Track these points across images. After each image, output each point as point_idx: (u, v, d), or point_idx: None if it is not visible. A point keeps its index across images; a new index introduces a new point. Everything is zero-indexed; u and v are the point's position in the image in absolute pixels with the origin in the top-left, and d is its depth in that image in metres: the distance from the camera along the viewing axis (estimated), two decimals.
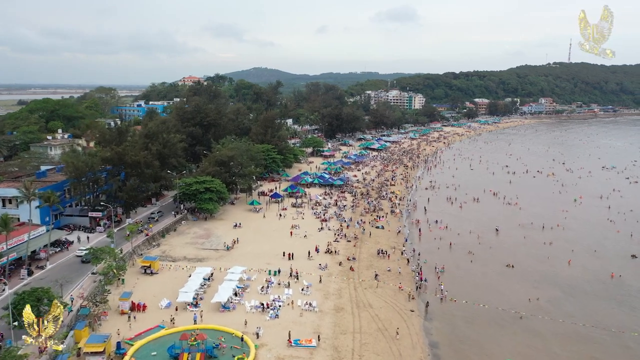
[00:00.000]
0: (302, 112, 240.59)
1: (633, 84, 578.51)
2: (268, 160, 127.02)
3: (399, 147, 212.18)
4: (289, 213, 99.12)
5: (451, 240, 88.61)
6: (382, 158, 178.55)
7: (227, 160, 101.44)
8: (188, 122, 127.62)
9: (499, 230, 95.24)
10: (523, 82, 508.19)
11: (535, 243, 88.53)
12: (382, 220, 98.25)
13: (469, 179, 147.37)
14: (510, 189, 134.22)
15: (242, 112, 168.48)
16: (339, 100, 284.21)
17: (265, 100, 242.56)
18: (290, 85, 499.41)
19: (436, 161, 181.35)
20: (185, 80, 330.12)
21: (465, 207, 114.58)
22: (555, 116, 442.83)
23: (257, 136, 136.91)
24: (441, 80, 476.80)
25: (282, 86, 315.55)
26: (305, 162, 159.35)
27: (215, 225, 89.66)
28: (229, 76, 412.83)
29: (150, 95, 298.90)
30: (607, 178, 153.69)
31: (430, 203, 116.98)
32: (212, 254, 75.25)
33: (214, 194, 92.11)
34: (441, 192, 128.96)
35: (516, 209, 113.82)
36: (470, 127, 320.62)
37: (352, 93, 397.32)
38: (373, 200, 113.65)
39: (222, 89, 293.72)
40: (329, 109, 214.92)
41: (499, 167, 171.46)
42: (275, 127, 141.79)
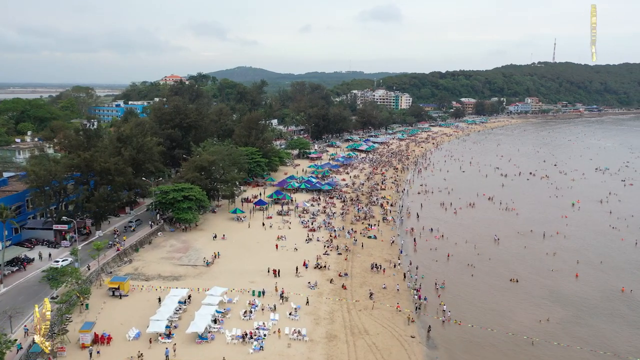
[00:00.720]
0: (287, 112, 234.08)
1: (617, 83, 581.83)
2: (252, 164, 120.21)
3: (388, 148, 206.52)
4: (275, 222, 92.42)
5: (448, 250, 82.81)
6: (370, 160, 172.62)
7: (207, 166, 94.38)
8: (167, 123, 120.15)
9: (497, 239, 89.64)
10: (509, 82, 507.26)
11: (537, 254, 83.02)
12: (374, 229, 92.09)
13: (461, 182, 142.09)
14: (504, 192, 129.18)
15: (225, 113, 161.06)
16: (325, 100, 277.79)
17: (250, 100, 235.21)
18: (275, 84, 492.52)
19: (426, 163, 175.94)
20: (167, 80, 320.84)
21: (460, 212, 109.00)
22: (542, 116, 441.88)
23: (241, 138, 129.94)
24: (427, 80, 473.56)
25: (266, 85, 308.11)
26: (292, 165, 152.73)
27: (194, 237, 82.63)
28: (212, 75, 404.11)
29: (131, 94, 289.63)
30: (602, 180, 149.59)
31: (423, 209, 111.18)
32: (190, 271, 68.31)
33: (193, 203, 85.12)
34: (434, 197, 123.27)
35: (513, 214, 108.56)
36: (458, 127, 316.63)
37: (338, 92, 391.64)
38: (363, 207, 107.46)
39: (204, 89, 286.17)
40: (315, 109, 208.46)
41: (490, 169, 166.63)
42: (259, 129, 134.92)
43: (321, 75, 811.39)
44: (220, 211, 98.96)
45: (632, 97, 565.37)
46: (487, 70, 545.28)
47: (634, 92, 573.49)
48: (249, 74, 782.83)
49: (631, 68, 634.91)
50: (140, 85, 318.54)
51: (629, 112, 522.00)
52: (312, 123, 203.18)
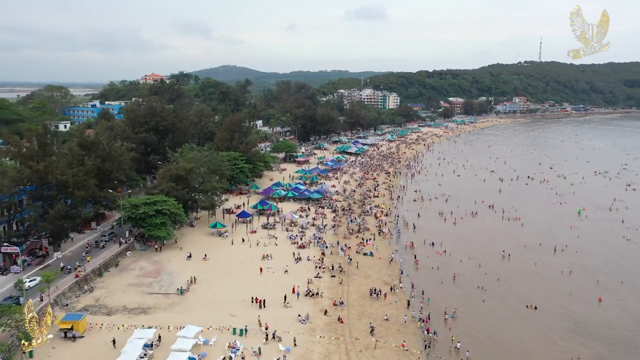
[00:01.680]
0: (272, 112, 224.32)
1: (602, 83, 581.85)
2: (235, 170, 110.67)
3: (378, 150, 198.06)
4: (260, 237, 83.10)
5: (453, 269, 74.43)
6: (360, 164, 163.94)
7: (184, 175, 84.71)
8: (141, 127, 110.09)
9: (505, 255, 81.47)
10: (496, 81, 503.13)
11: (550, 272, 74.98)
12: (370, 245, 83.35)
13: (458, 188, 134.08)
14: (504, 199, 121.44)
15: (206, 114, 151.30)
16: (311, 99, 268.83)
17: (233, 100, 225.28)
18: (259, 83, 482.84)
19: (419, 167, 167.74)
20: (147, 78, 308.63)
21: (461, 223, 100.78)
22: (530, 115, 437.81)
23: (222, 142, 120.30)
24: (415, 79, 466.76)
25: (251, 85, 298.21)
26: (277, 170, 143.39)
27: (168, 257, 73.02)
28: (197, 74, 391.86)
29: (109, 94, 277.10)
30: (604, 185, 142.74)
31: (420, 219, 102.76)
32: (160, 301, 58.82)
33: (167, 218, 75.58)
34: (431, 205, 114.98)
35: (517, 224, 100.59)
36: (448, 127, 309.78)
37: (324, 92, 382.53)
38: (357, 217, 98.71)
39: (186, 88, 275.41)
40: (302, 109, 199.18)
41: (486, 172, 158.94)
42: (242, 132, 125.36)
43: (306, 75, 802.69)
44: (200, 224, 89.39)
45: (618, 97, 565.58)
46: (474, 69, 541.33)
47: (619, 92, 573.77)
48: (234, 73, 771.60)
49: (616, 67, 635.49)
50: (118, 84, 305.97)
51: (615, 112, 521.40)
52: (298, 124, 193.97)
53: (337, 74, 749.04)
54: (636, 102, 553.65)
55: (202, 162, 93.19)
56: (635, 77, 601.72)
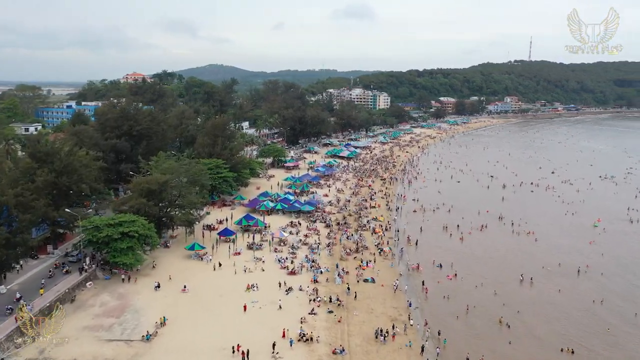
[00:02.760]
0: (259, 113, 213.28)
1: (592, 82, 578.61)
2: (217, 180, 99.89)
3: (371, 153, 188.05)
4: (244, 260, 72.47)
5: (468, 299, 64.58)
6: (354, 169, 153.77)
7: (157, 189, 73.78)
8: (112, 132, 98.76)
9: (523, 279, 71.77)
10: (487, 80, 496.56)
11: (579, 302, 65.47)
12: (370, 268, 73.21)
13: (459, 196, 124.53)
14: (510, 208, 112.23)
15: (188, 116, 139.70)
16: (300, 99, 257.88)
17: (218, 101, 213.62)
18: (247, 82, 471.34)
19: (415, 172, 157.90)
20: (128, 78, 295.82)
21: (468, 238, 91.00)
22: (522, 115, 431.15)
23: (204, 148, 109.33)
24: (405, 78, 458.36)
25: (237, 84, 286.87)
26: (265, 177, 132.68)
27: (136, 288, 62.10)
28: (183, 73, 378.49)
29: (87, 94, 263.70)
30: (614, 192, 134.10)
31: (423, 234, 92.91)
32: (121, 352, 48.01)
33: (135, 241, 64.68)
34: (433, 217, 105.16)
35: (530, 240, 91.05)
36: (441, 128, 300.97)
37: (313, 91, 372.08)
38: (353, 233, 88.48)
39: (170, 88, 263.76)
40: (290, 110, 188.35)
41: (487, 178, 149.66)
42: (226, 136, 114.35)
43: (294, 74, 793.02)
44: (176, 244, 78.49)
45: (608, 96, 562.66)
46: (464, 68, 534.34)
47: (609, 91, 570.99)
48: (221, 72, 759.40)
49: (606, 67, 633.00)
50: (98, 83, 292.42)
51: (606, 111, 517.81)
52: (287, 126, 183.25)
53: (325, 73, 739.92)
54: (627, 102, 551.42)
55: (179, 172, 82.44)
56: (625, 77, 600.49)
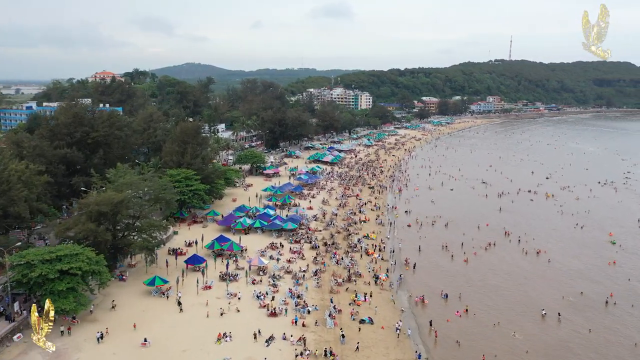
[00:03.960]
0: (237, 114, 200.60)
1: (572, 82, 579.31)
2: (187, 194, 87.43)
3: (356, 158, 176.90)
4: (216, 296, 60.43)
5: (485, 343, 53.71)
6: (339, 175, 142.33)
7: (109, 211, 61.14)
8: (61, 140, 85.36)
9: (545, 315, 61.14)
10: (469, 80, 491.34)
11: (617, 346, 54.95)
12: (367, 303, 61.81)
13: (455, 207, 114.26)
14: (510, 221, 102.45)
15: (157, 119, 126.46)
16: (279, 100, 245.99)
17: (192, 101, 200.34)
18: (224, 81, 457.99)
19: (405, 179, 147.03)
20: (97, 76, 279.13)
21: (473, 259, 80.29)
22: (505, 115, 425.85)
23: (172, 156, 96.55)
24: (386, 78, 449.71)
25: (213, 83, 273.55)
26: (242, 186, 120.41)
27: (77, 341, 49.53)
28: (159, 72, 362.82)
29: (52, 94, 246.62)
30: (618, 200, 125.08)
31: (422, 254, 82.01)
32: None
33: (78, 279, 52.17)
34: (429, 233, 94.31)
35: (542, 261, 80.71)
36: (425, 129, 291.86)
37: (292, 91, 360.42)
38: (343, 256, 77.01)
39: (142, 87, 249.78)
40: (270, 111, 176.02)
41: (481, 185, 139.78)
42: (198, 143, 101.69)
43: (273, 72, 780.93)
44: (134, 275, 65.94)
45: (588, 96, 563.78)
46: (446, 67, 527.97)
47: (589, 91, 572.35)
48: (198, 70, 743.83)
49: (585, 66, 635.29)
50: (65, 83, 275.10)
51: (587, 111, 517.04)
52: (266, 129, 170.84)
53: (305, 72, 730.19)
54: (606, 102, 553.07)
55: (139, 188, 69.88)
56: (604, 77, 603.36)
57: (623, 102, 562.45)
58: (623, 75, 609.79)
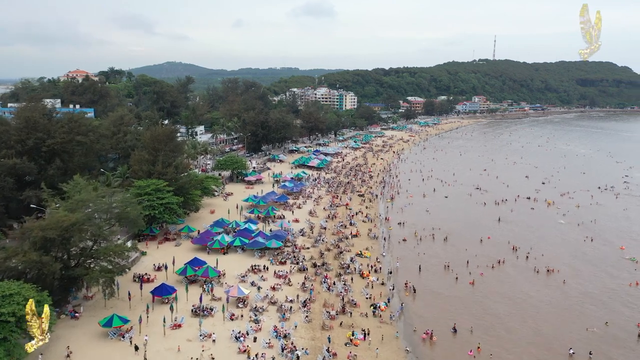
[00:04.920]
0: (217, 116, 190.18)
1: (556, 81, 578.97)
2: (157, 208, 77.37)
3: (343, 161, 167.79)
4: (187, 337, 50.70)
5: None
6: (326, 182, 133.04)
7: (58, 237, 50.96)
8: (11, 148, 74.58)
9: (573, 354, 52.65)
10: (454, 80, 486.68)
11: None
12: (366, 343, 52.62)
13: (452, 217, 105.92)
14: (512, 233, 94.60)
15: (128, 122, 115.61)
16: (262, 100, 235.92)
17: (169, 102, 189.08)
18: (206, 81, 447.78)
19: (396, 185, 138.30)
20: (70, 75, 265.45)
21: (480, 281, 71.71)
22: (491, 115, 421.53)
23: (141, 165, 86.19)
24: (371, 77, 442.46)
25: (193, 82, 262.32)
26: (221, 195, 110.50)
27: None
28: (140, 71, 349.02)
29: (20, 94, 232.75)
30: (623, 208, 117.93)
31: (422, 276, 73.21)
32: None
33: (12, 327, 42.04)
34: (428, 248, 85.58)
35: (557, 282, 72.31)
36: (412, 130, 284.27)
37: (275, 91, 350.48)
38: (335, 281, 67.79)
39: (117, 87, 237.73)
40: (251, 112, 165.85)
41: (477, 191, 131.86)
42: (171, 149, 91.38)
43: (255, 72, 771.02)
44: (91, 310, 55.77)
45: (572, 96, 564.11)
46: (430, 67, 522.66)
47: (573, 91, 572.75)
48: (179, 69, 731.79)
49: (567, 66, 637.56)
50: (35, 82, 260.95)
51: (571, 111, 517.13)
52: (248, 132, 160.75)
53: (287, 71, 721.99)
54: (589, 101, 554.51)
55: (97, 207, 59.64)
56: (587, 76, 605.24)
57: (606, 102, 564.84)
58: (605, 75, 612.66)
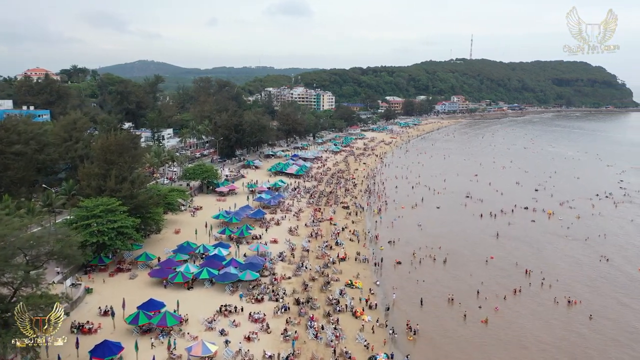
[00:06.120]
0: (187, 117, 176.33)
1: (532, 81, 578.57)
2: (108, 233, 64.24)
3: (324, 167, 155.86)
4: None
5: None
6: (306, 191, 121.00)
7: None
8: None
9: None
10: (433, 79, 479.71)
11: None
12: None
13: (448, 233, 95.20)
14: (519, 252, 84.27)
15: (81, 127, 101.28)
16: (236, 100, 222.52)
17: (135, 103, 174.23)
18: (179, 80, 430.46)
19: (383, 194, 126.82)
20: (28, 74, 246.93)
21: (493, 319, 60.65)
22: (470, 115, 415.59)
23: (90, 180, 72.78)
24: (348, 76, 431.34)
25: (163, 82, 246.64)
26: (189, 211, 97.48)
27: None
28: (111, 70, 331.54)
29: None
30: (630, 218, 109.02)
31: (424, 312, 61.85)
32: None
33: None
34: (426, 273, 74.38)
35: (582, 317, 61.68)
36: (393, 131, 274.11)
37: (250, 90, 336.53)
38: (324, 324, 55.81)
39: (80, 86, 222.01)
40: (225, 114, 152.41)
41: (470, 200, 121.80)
42: (126, 161, 77.82)
43: (230, 71, 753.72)
44: None
45: (549, 95, 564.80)
46: (408, 66, 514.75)
47: (549, 90, 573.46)
48: (151, 68, 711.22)
49: (543, 66, 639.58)
50: None
51: (548, 110, 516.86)
52: (220, 136, 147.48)
53: (262, 70, 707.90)
54: (566, 101, 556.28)
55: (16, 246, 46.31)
56: (562, 76, 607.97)
57: (581, 102, 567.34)
58: (580, 75, 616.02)
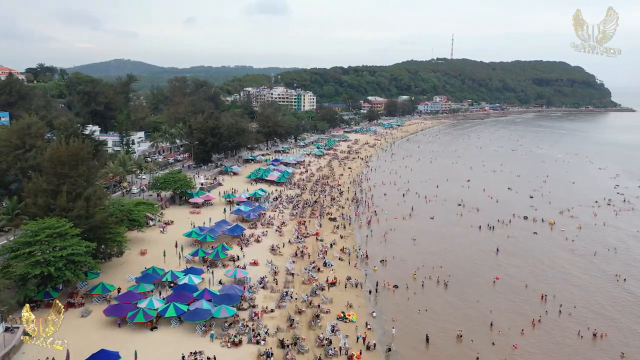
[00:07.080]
0: (160, 120, 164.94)
1: (513, 81, 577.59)
2: (54, 263, 53.78)
3: (307, 172, 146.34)
4: None
5: None
6: (289, 201, 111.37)
7: None
8: None
9: None
10: (415, 79, 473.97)
11: None
12: None
13: (445, 248, 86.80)
14: (526, 272, 76.25)
15: (36, 132, 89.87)
16: (213, 101, 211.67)
17: (103, 104, 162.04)
18: (156, 79, 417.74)
19: (371, 203, 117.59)
20: None
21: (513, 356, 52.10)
22: (453, 116, 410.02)
23: (37, 198, 62.05)
24: (330, 76, 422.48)
25: (136, 81, 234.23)
26: (158, 226, 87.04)
27: None
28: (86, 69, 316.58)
29: None
30: (638, 229, 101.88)
31: (431, 353, 52.93)
32: None
33: None
34: (427, 299, 65.59)
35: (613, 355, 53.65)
36: (377, 132, 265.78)
37: (228, 90, 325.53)
38: None
39: (46, 86, 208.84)
40: (201, 117, 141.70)
41: (466, 209, 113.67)
42: (80, 174, 66.96)
43: (208, 70, 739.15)
44: None
45: (529, 95, 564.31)
46: (389, 66, 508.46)
47: (530, 90, 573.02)
48: (127, 67, 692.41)
49: (523, 65, 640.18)
50: None
51: (529, 110, 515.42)
52: (195, 140, 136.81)
53: (241, 69, 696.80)
54: (546, 101, 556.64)
55: None
56: (542, 76, 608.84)
57: (562, 102, 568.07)
58: (560, 75, 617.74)
